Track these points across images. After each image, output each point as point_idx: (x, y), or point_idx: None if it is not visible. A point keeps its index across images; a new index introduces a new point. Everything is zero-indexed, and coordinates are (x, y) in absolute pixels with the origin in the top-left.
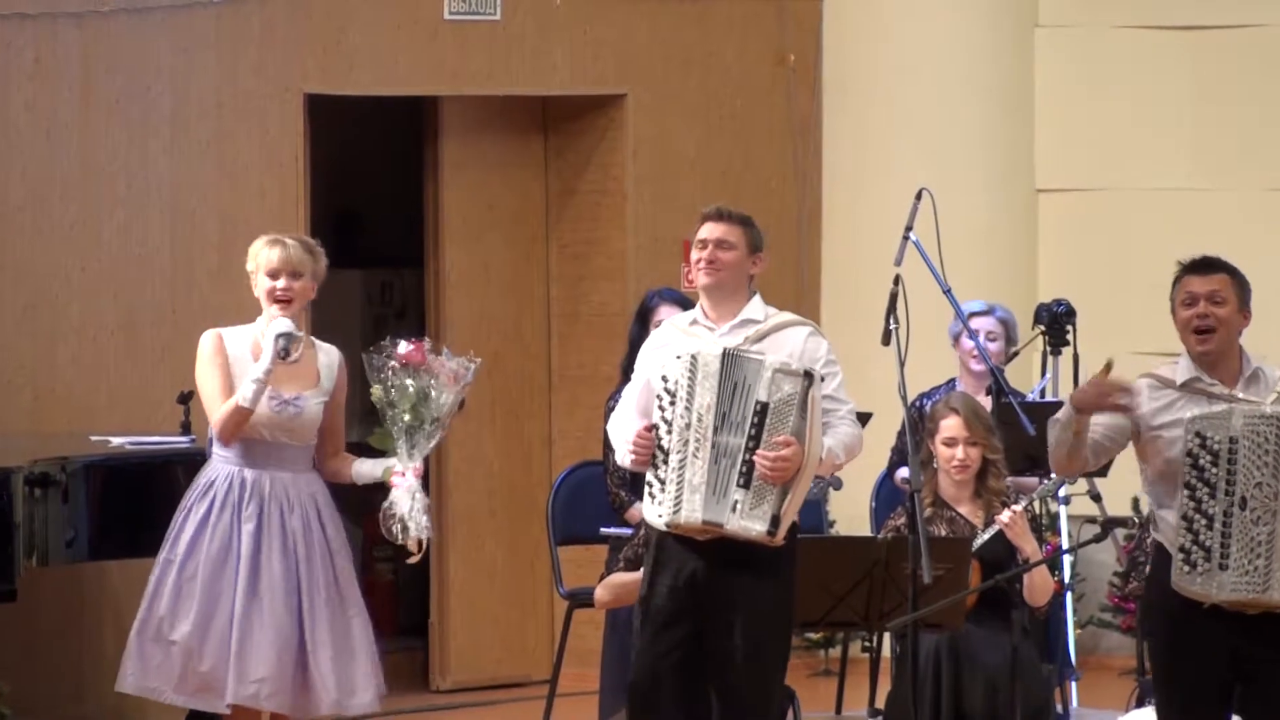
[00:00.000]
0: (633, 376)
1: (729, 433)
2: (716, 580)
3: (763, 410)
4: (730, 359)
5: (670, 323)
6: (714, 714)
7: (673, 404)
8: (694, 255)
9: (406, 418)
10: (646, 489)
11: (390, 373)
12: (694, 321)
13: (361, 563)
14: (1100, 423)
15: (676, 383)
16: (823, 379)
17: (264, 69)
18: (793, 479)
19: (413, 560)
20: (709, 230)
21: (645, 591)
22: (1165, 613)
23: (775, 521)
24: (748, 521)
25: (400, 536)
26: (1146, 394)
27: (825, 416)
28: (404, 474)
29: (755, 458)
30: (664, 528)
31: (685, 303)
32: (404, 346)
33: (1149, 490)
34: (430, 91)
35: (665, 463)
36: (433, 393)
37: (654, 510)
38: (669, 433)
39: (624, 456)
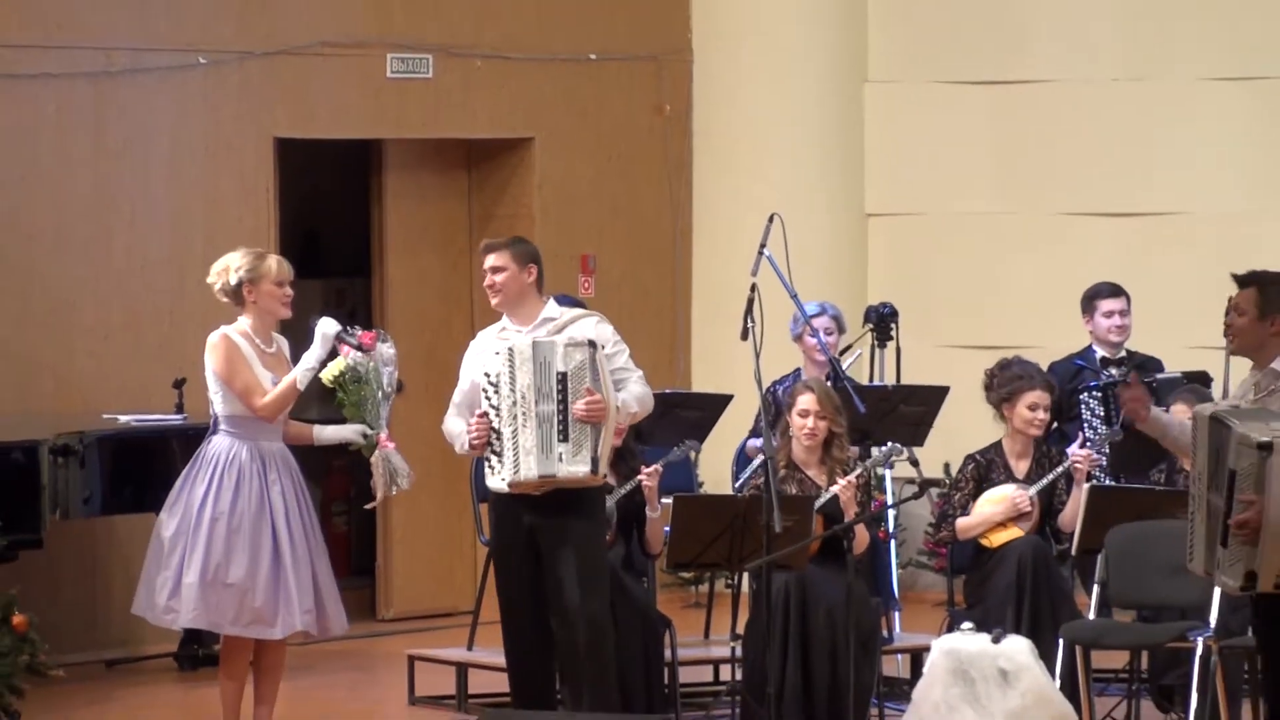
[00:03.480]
0: (460, 382)
1: (544, 403)
2: (551, 528)
3: (564, 378)
4: (536, 345)
5: (485, 333)
6: (556, 633)
7: (497, 391)
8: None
9: (380, 392)
10: (486, 464)
11: (358, 357)
12: (504, 329)
13: (320, 516)
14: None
15: (499, 374)
16: (608, 353)
17: (242, 118)
18: (601, 425)
19: (371, 506)
20: (486, 262)
21: (494, 540)
22: None
23: (595, 462)
24: (573, 467)
25: (391, 485)
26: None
27: (618, 383)
28: (388, 438)
29: (572, 408)
30: (506, 489)
31: (579, 305)
32: (362, 333)
33: None
34: (376, 135)
35: (499, 439)
36: (380, 366)
37: (496, 479)
38: (498, 416)
39: (462, 445)
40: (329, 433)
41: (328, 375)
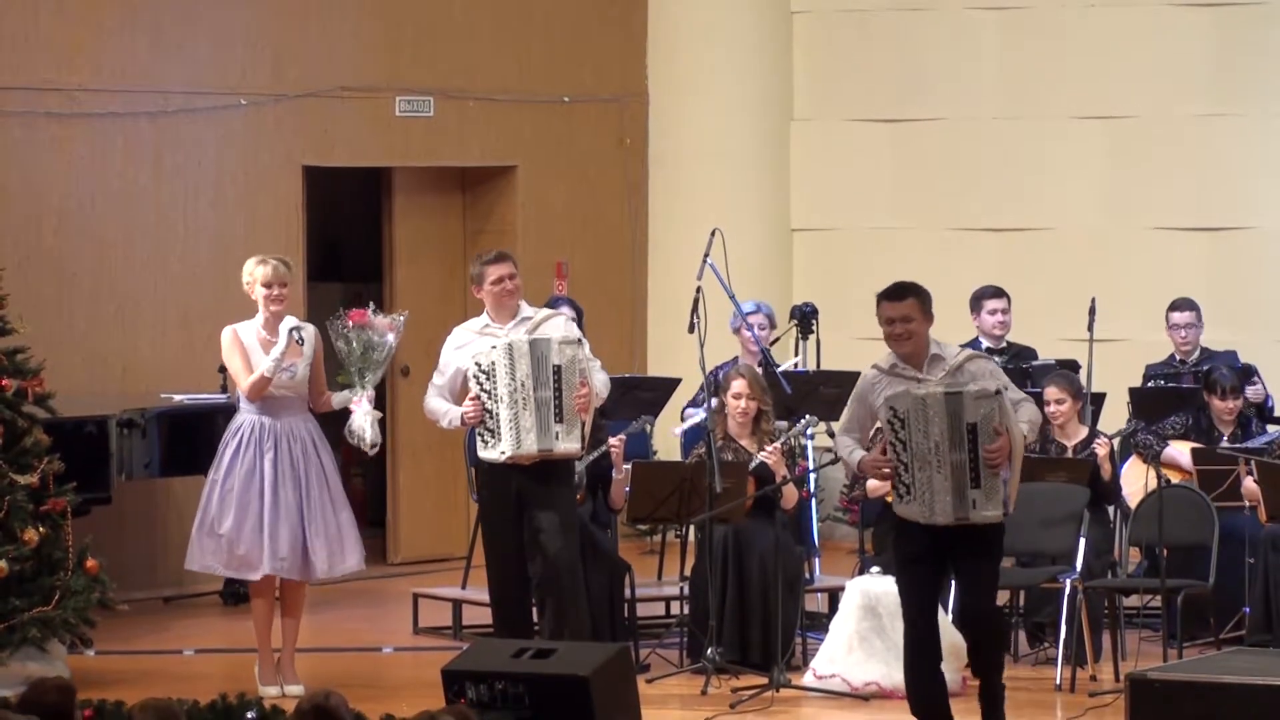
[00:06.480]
0: (441, 366)
1: (542, 389)
2: (535, 490)
3: (558, 370)
4: (533, 343)
5: (464, 328)
6: (536, 575)
7: (490, 379)
8: (495, 287)
9: (359, 361)
10: (479, 439)
11: (344, 331)
12: (485, 326)
13: (342, 477)
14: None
15: (493, 364)
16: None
17: (276, 149)
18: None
19: (370, 454)
20: (508, 269)
21: (484, 500)
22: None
23: (583, 440)
24: (567, 444)
25: (357, 441)
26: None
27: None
28: (359, 400)
29: (567, 398)
30: (504, 460)
31: (573, 305)
32: (352, 312)
33: None
34: (386, 163)
35: (494, 418)
36: (375, 339)
37: (493, 451)
38: (491, 399)
39: (452, 420)
40: (335, 398)
41: (337, 347)
